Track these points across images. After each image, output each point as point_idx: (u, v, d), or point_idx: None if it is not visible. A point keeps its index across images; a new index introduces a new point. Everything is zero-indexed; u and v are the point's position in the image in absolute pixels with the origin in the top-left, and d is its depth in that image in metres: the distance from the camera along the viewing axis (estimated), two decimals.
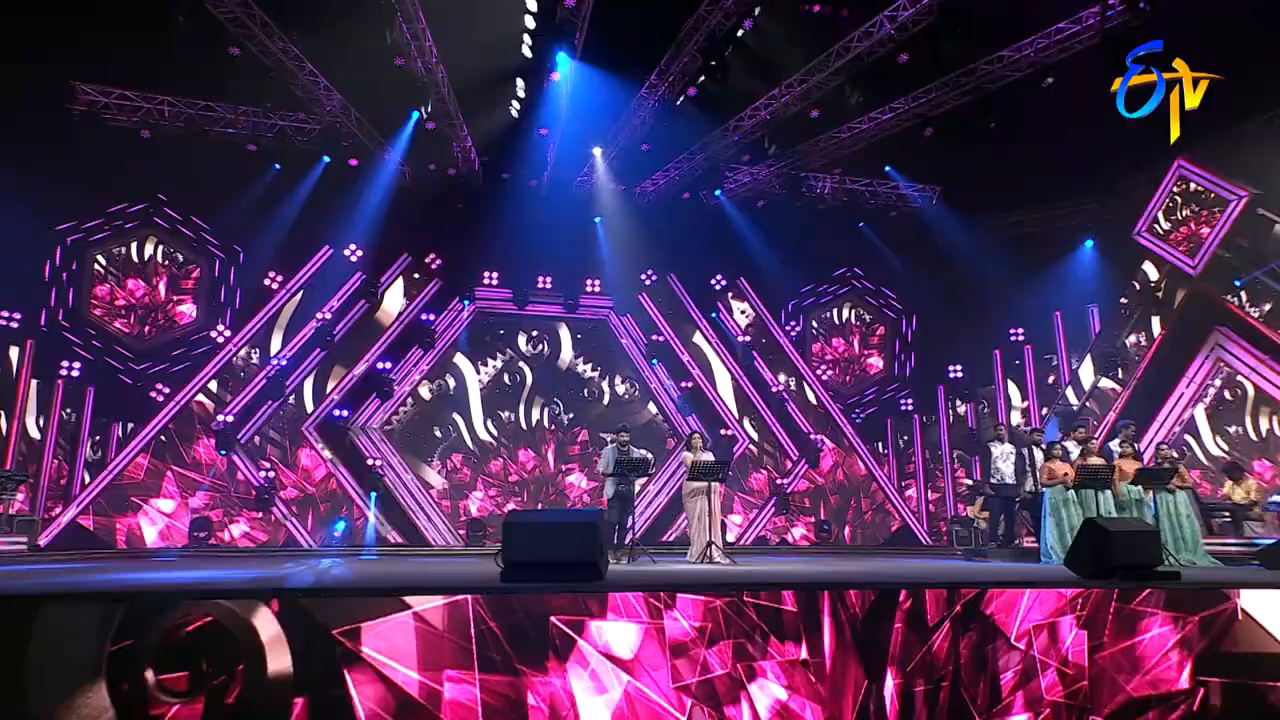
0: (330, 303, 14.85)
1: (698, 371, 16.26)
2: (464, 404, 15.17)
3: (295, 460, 14.44)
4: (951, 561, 9.98)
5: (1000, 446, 10.38)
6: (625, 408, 15.77)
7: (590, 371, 15.65)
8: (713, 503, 9.31)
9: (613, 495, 9.57)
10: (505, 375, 15.20)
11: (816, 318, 17.15)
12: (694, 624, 4.54)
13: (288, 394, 14.51)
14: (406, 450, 14.77)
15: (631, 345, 16.26)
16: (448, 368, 15.14)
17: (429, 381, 14.99)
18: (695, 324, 16.37)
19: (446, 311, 15.51)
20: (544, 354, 15.50)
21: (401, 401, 15.10)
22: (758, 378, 16.36)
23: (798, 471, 16.22)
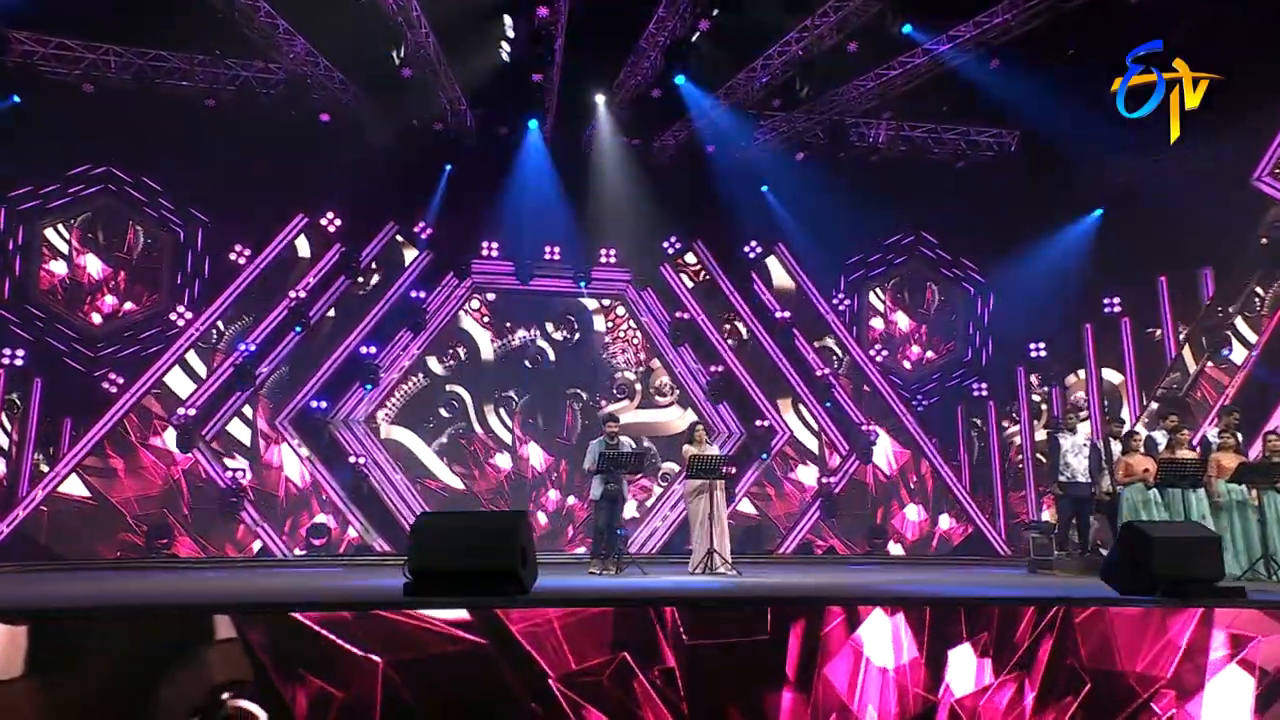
0: (306, 279, 14.66)
1: (729, 354, 15.91)
2: (474, 380, 15.04)
3: (267, 458, 14.32)
4: (1004, 571, 9.80)
5: (1070, 438, 9.94)
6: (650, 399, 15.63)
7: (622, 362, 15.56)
8: (716, 505, 9.31)
9: (599, 496, 9.57)
10: (525, 357, 15.11)
11: (870, 289, 16.71)
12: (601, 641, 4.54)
13: (258, 384, 14.34)
14: (407, 427, 14.65)
15: (653, 324, 15.94)
16: (452, 342, 15.10)
17: (438, 358, 14.95)
18: (727, 298, 16.00)
19: (440, 288, 15.29)
20: (568, 338, 15.44)
21: (389, 390, 14.96)
22: (800, 360, 15.96)
23: (847, 469, 15.83)
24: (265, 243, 14.55)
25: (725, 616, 4.70)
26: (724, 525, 9.44)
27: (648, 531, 14.84)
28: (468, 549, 5.16)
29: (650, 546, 14.63)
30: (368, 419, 14.79)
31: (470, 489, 14.86)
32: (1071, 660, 4.89)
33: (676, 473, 14.63)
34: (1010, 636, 4.86)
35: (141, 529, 13.36)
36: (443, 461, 14.75)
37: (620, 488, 9.69)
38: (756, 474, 15.50)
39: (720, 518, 9.36)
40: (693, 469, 9.34)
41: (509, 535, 5.25)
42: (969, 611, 4.83)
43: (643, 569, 9.32)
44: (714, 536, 9.18)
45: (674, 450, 14.63)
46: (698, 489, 9.44)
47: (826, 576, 8.96)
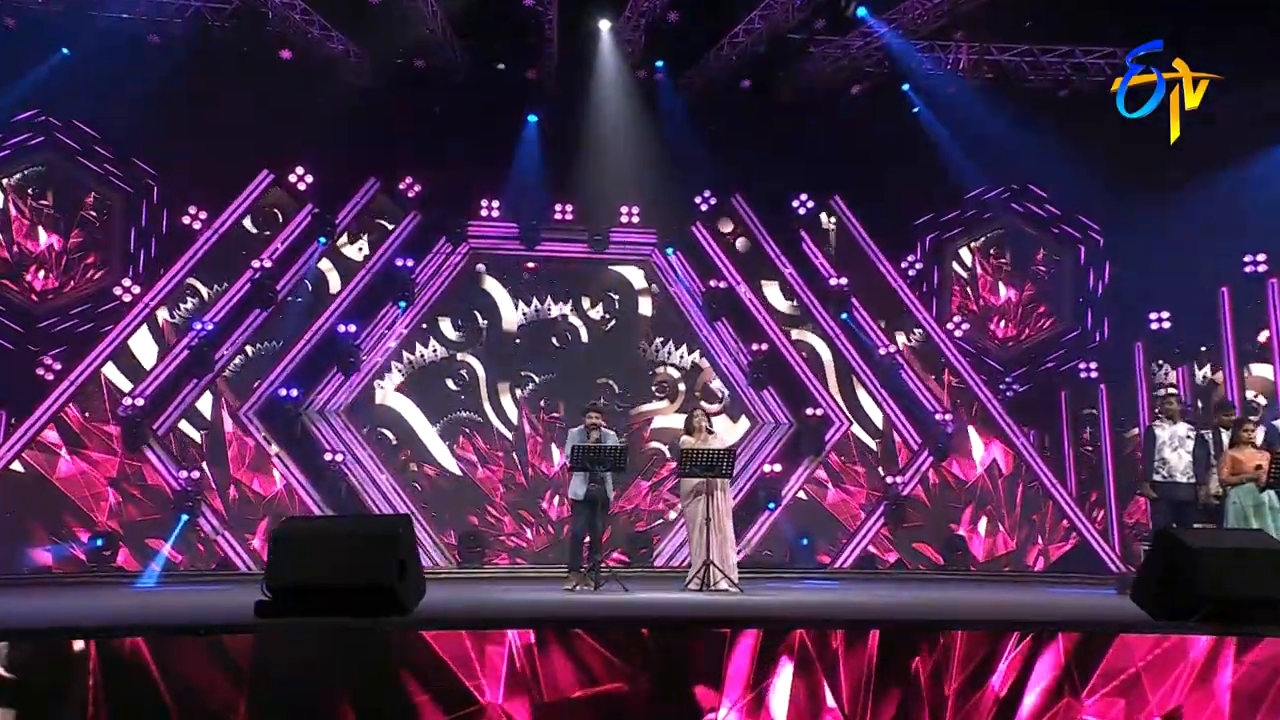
0: (273, 245, 14.37)
1: (774, 329, 15.46)
2: (490, 352, 15.02)
3: (228, 456, 14.12)
4: (1095, 593, 9.57)
5: (1169, 428, 9.34)
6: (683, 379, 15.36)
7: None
8: (716, 509, 9.27)
9: (580, 498, 9.55)
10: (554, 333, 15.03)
11: (949, 250, 16.18)
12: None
13: (217, 369, 14.08)
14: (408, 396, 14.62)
15: (682, 295, 15.56)
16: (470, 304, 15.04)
17: (452, 322, 14.87)
18: (771, 262, 15.55)
19: (431, 255, 14.96)
20: (606, 318, 15.36)
21: (374, 374, 14.72)
22: (860, 336, 15.53)
23: (918, 466, 15.37)
24: (224, 204, 14.26)
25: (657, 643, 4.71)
26: (727, 534, 9.36)
27: (678, 540, 14.34)
28: (336, 561, 5.18)
29: (680, 558, 14.13)
30: (349, 408, 14.61)
31: (471, 476, 14.74)
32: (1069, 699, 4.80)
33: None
34: (987, 671, 4.75)
35: (81, 538, 13.27)
36: (444, 443, 14.68)
37: (604, 489, 9.57)
38: (808, 473, 15.20)
39: (723, 524, 9.30)
40: (685, 465, 9.22)
41: (386, 544, 5.24)
42: (899, 637, 4.77)
43: (624, 585, 9.20)
44: (712, 546, 9.08)
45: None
46: (693, 490, 9.35)
47: (886, 594, 9.09)
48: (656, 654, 4.77)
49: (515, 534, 14.64)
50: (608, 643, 4.75)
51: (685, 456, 9.27)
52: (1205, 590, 5.28)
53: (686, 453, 9.29)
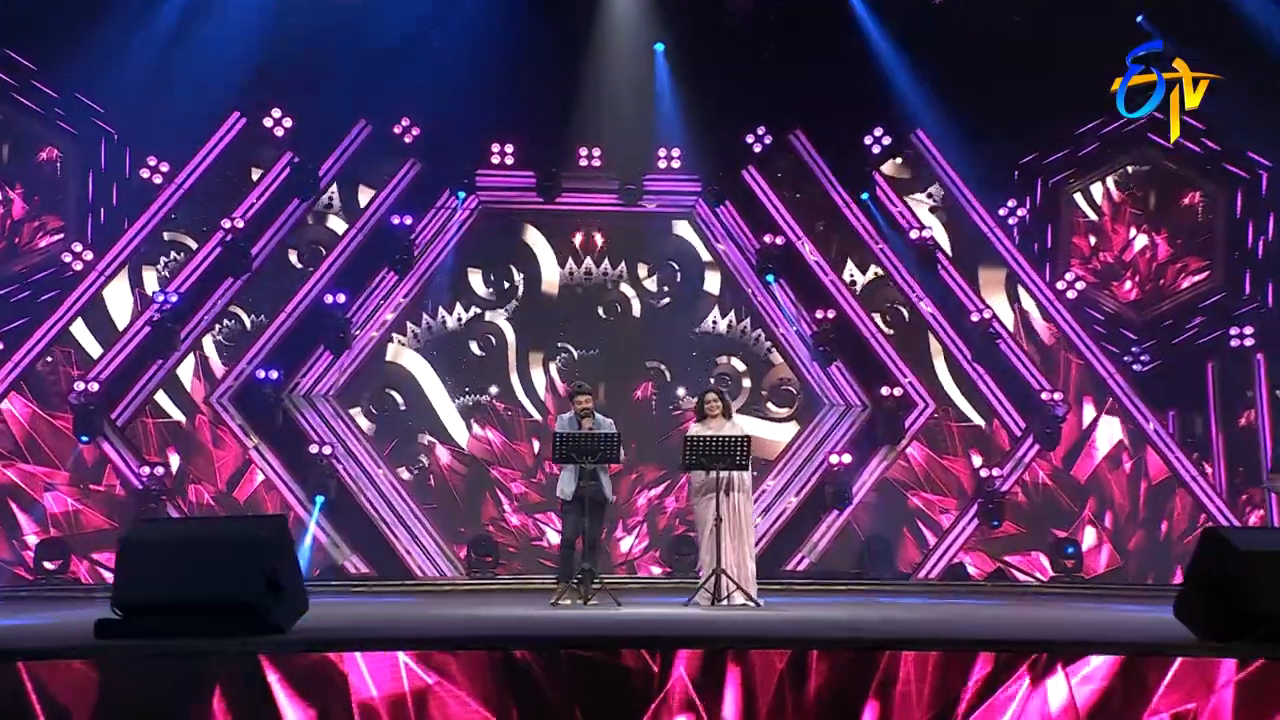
0: (247, 202, 14.05)
1: (843, 293, 14.93)
2: (523, 314, 14.95)
3: (199, 448, 14.02)
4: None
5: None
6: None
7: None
8: (734, 510, 9.29)
9: (568, 498, 9.59)
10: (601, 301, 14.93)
11: (1063, 194, 15.44)
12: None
13: (184, 347, 13.84)
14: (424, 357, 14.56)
15: (732, 253, 15.06)
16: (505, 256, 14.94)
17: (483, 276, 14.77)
18: (839, 211, 15.05)
19: (433, 211, 14.65)
20: (665, 290, 15.21)
21: (369, 351, 14.43)
22: (949, 300, 14.92)
23: (1021, 457, 14.69)
24: (189, 154, 14.01)
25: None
26: (745, 537, 9.34)
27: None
28: (196, 572, 5.22)
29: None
30: (339, 391, 14.34)
31: (487, 466, 14.60)
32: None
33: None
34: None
35: (28, 548, 13.19)
36: (460, 416, 14.57)
37: (599, 486, 9.59)
38: (885, 465, 14.74)
39: (739, 527, 9.30)
40: (688, 455, 9.18)
41: (255, 551, 5.29)
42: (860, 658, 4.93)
43: (617, 600, 9.24)
44: (725, 552, 9.11)
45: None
46: (702, 487, 9.36)
47: (968, 611, 9.27)
48: (557, 680, 4.87)
49: (537, 538, 14.40)
50: (496, 666, 4.85)
51: (688, 445, 9.20)
52: (1261, 605, 5.27)
53: (689, 440, 9.22)
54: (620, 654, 5.01)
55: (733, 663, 5.02)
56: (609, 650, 5.03)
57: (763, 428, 14.69)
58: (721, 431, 9.40)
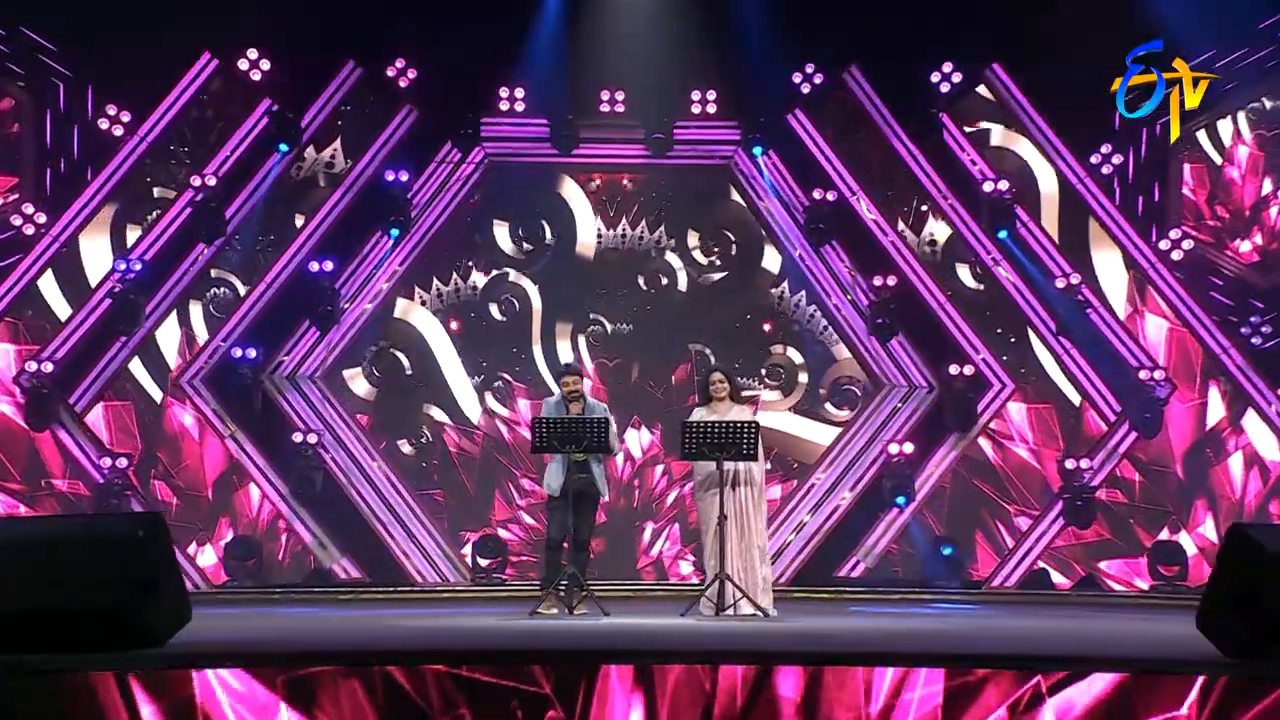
0: (220, 156, 13.85)
1: (906, 256, 14.51)
2: (554, 278, 14.81)
3: (165, 436, 13.93)
4: None
5: None
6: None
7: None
8: (742, 506, 9.24)
9: (555, 493, 9.58)
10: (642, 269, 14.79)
11: (1167, 137, 14.65)
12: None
13: (149, 322, 13.65)
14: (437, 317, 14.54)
15: (777, 211, 14.65)
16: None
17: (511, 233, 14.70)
18: (901, 162, 14.65)
19: (433, 166, 14.37)
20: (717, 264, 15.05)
21: (362, 326, 14.21)
22: (1026, 263, 14.51)
23: (1115, 446, 14.25)
24: (154, 102, 13.78)
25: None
26: (753, 540, 9.23)
27: (771, 548, 13.16)
28: (54, 578, 5.21)
29: (773, 573, 13.34)
30: (326, 372, 14.16)
31: (499, 453, 14.41)
32: None
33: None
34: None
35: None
36: (472, 386, 14.39)
37: (591, 479, 9.51)
38: (954, 456, 14.34)
39: (748, 527, 9.22)
40: (687, 443, 9.03)
41: (125, 554, 5.31)
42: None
43: (602, 608, 9.23)
44: (730, 555, 8.99)
45: None
46: (706, 480, 9.23)
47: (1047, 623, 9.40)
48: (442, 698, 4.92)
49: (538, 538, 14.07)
50: (387, 685, 4.88)
51: (687, 431, 9.04)
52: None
53: (689, 427, 9.06)
54: (521, 671, 4.94)
55: (636, 684, 4.93)
56: (511, 667, 4.94)
57: (811, 429, 14.59)
58: (727, 416, 9.22)
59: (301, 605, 11.81)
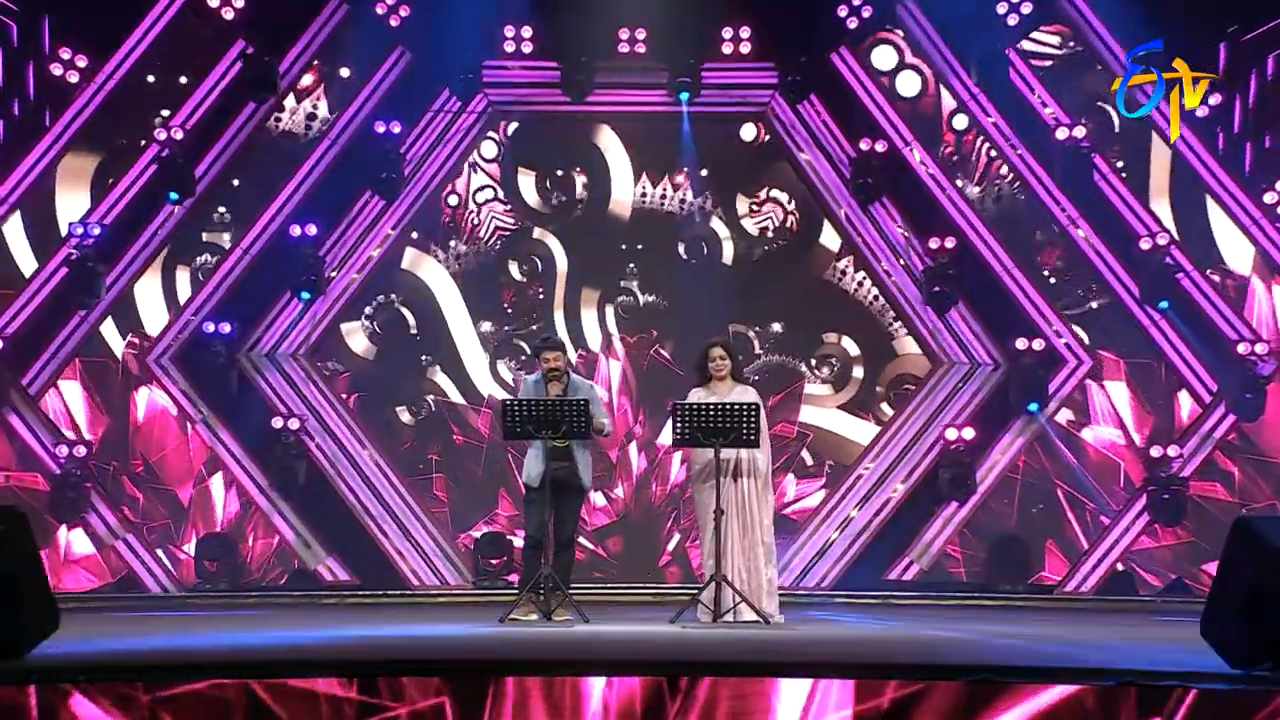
0: (186, 108, 13.63)
1: (968, 214, 14.09)
2: (581, 236, 14.59)
3: (130, 422, 13.75)
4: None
5: None
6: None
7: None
8: (744, 499, 9.18)
9: (534, 484, 9.43)
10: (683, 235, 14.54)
11: (1272, 68, 14.44)
12: None
13: (109, 294, 13.45)
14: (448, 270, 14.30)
15: (820, 164, 14.26)
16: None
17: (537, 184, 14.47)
18: (963, 105, 14.37)
19: (429, 118, 14.12)
20: (771, 233, 14.67)
21: (350, 297, 13.96)
22: (1110, 221, 14.08)
23: (1210, 431, 13.95)
24: (113, 45, 13.60)
25: None
26: (758, 537, 9.06)
27: (812, 548, 13.85)
28: None
29: (813, 579, 13.78)
30: (310, 348, 13.89)
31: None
32: None
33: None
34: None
35: None
36: (486, 354, 14.21)
37: (573, 468, 9.28)
38: (1022, 442, 13.96)
39: (750, 523, 9.05)
40: (679, 428, 8.88)
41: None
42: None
43: (584, 616, 9.05)
44: (729, 555, 8.89)
45: None
46: (703, 470, 9.07)
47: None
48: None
49: None
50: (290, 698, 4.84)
51: (678, 414, 8.82)
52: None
53: (680, 409, 8.85)
54: (408, 687, 4.75)
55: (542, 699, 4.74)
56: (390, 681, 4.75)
57: (861, 430, 14.24)
58: (728, 398, 8.93)
59: (277, 611, 11.60)
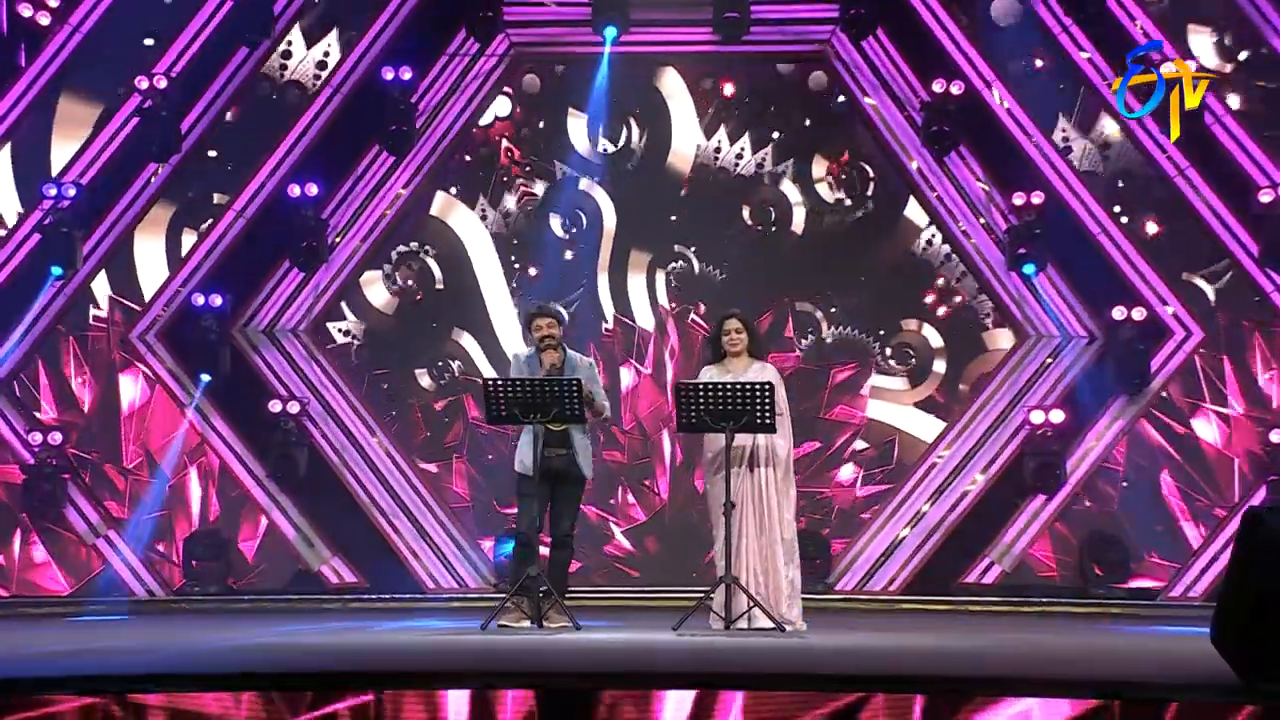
0: (172, 51, 13.29)
1: (1058, 165, 13.61)
2: (635, 192, 14.30)
3: (112, 405, 13.57)
4: None
5: None
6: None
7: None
8: (760, 491, 9.05)
9: (528, 472, 9.17)
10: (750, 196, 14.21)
11: None
12: None
13: (89, 264, 13.28)
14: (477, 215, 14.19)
15: (888, 110, 13.86)
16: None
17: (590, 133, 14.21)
18: (1050, 39, 13.87)
19: (443, 65, 13.80)
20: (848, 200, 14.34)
21: (357, 264, 13.66)
22: (1225, 173, 13.57)
23: None
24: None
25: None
26: (777, 534, 8.91)
27: (877, 548, 13.47)
28: None
29: (878, 582, 13.36)
30: (312, 322, 13.56)
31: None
32: None
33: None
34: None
35: None
36: (514, 305, 13.92)
37: (572, 455, 9.00)
38: (1121, 427, 13.44)
39: (767, 518, 8.95)
40: (686, 412, 8.63)
41: None
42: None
43: (573, 620, 8.88)
44: (744, 554, 8.80)
45: None
46: (716, 459, 8.89)
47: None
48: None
49: (607, 539, 13.57)
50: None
51: (682, 395, 8.57)
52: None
53: (683, 390, 8.61)
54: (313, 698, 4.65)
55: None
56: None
57: (937, 430, 13.81)
58: (743, 377, 8.56)
59: (273, 617, 11.34)
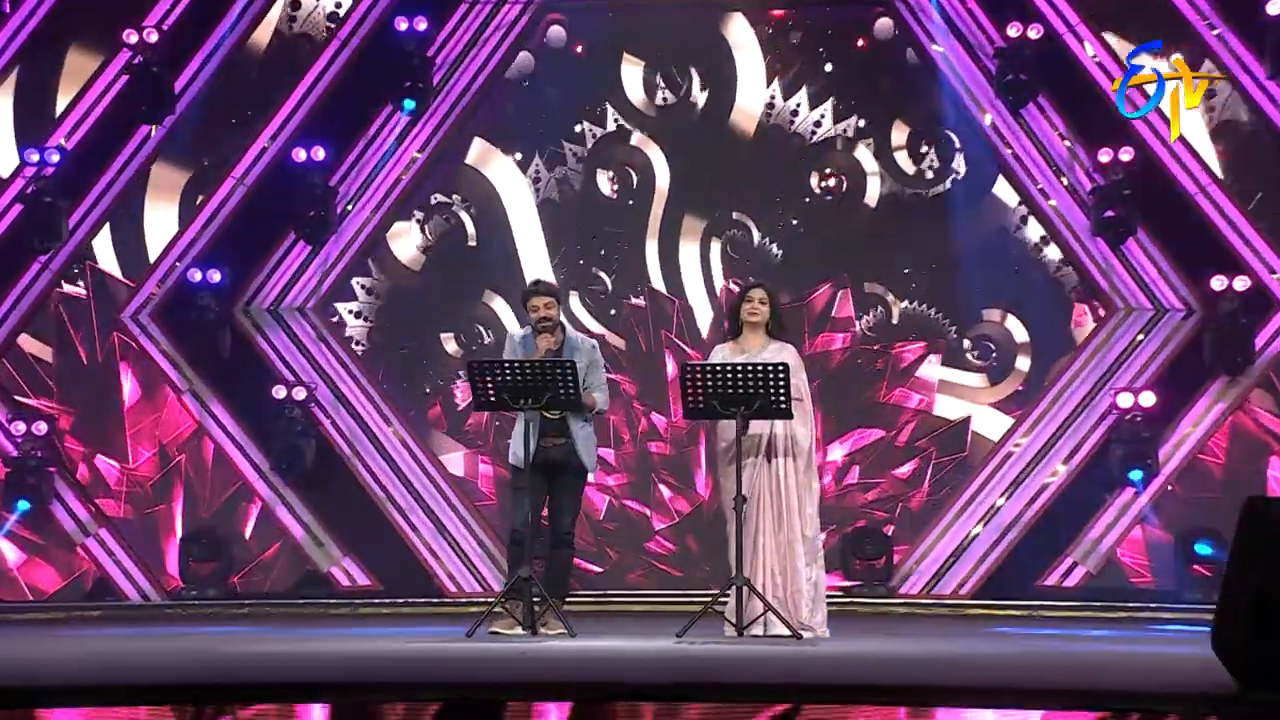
0: (160, 6, 13.12)
1: (1148, 118, 13.29)
2: (691, 157, 14.07)
3: (105, 392, 13.46)
4: None
5: None
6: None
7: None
8: (777, 483, 8.85)
9: (520, 464, 9.07)
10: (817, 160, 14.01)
11: None
12: None
13: (74, 237, 13.06)
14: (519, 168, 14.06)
15: (959, 59, 13.52)
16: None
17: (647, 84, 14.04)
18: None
19: (461, 14, 13.54)
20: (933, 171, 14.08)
21: (368, 236, 13.45)
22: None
23: None
24: None
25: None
26: (797, 530, 8.81)
27: (946, 547, 13.22)
28: None
29: (947, 585, 13.08)
30: (320, 300, 13.32)
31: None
32: None
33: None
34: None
35: None
36: (551, 269, 13.90)
37: (571, 445, 8.92)
38: (1222, 410, 13.08)
39: (791, 512, 8.81)
40: (692, 396, 8.55)
41: None
42: None
43: (570, 630, 8.75)
44: (760, 551, 8.71)
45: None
46: (729, 448, 8.84)
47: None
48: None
49: (647, 537, 13.40)
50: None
51: (688, 376, 8.47)
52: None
53: (690, 371, 8.57)
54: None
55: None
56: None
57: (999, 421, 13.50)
58: (758, 357, 8.32)
59: (277, 623, 11.15)
